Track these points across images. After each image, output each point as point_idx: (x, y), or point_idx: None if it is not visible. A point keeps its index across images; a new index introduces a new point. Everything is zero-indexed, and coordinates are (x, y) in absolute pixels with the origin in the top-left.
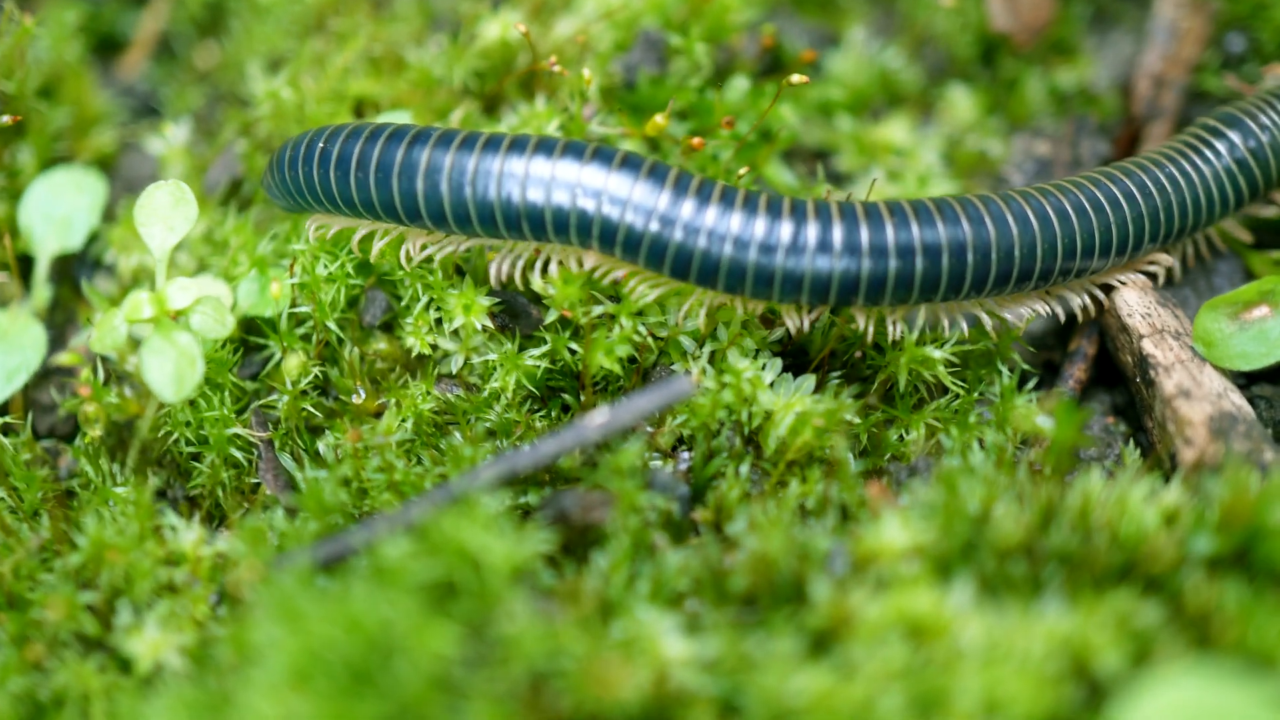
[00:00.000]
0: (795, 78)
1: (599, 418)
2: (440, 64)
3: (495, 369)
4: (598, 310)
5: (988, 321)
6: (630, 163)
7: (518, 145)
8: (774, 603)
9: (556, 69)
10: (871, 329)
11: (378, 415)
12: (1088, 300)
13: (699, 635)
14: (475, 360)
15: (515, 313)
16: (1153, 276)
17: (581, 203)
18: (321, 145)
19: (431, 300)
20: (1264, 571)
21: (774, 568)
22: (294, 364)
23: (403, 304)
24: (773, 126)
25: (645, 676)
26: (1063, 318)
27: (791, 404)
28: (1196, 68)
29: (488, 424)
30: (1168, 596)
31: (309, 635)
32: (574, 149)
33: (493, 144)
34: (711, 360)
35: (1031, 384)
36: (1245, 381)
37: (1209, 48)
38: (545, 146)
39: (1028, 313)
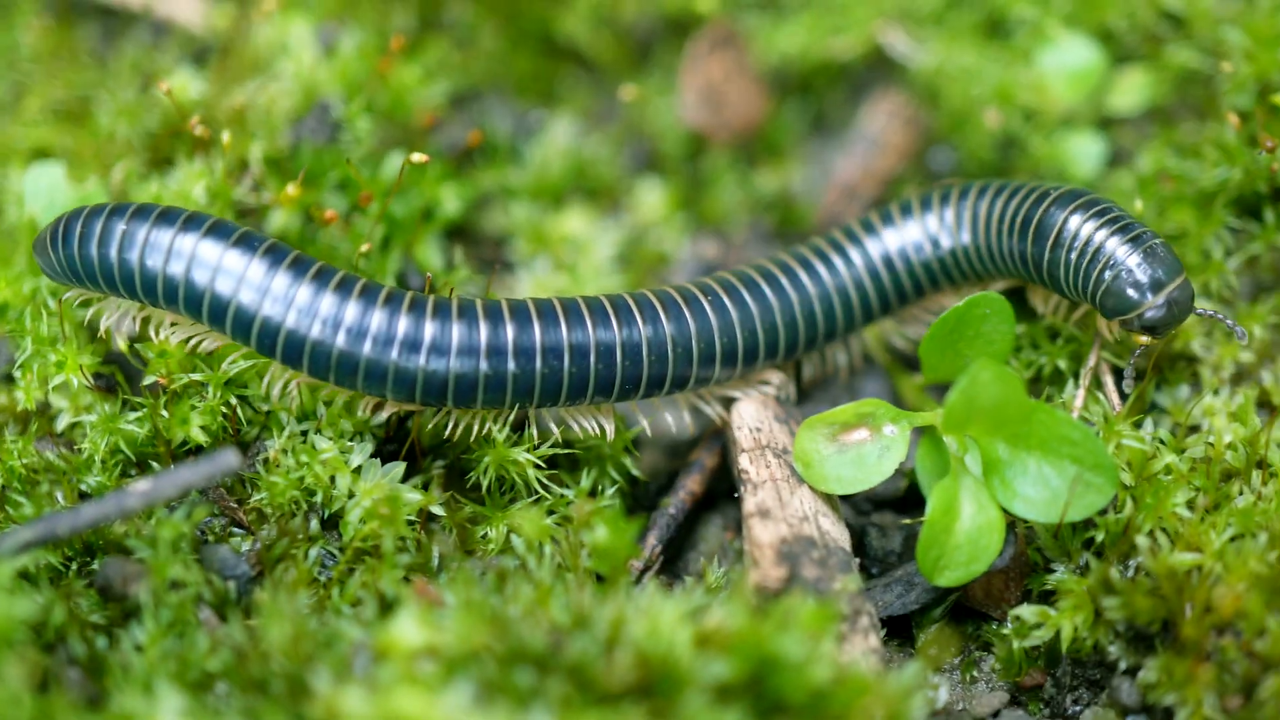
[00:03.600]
0: (416, 157)
1: (141, 486)
2: (112, 118)
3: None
4: (189, 377)
5: (591, 425)
6: (221, 230)
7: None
8: (288, 691)
9: (199, 130)
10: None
11: None
12: (719, 410)
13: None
14: (86, 419)
15: (130, 375)
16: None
17: (172, 268)
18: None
19: (36, 354)
20: (771, 704)
21: (285, 655)
22: None
23: (15, 356)
24: (431, 207)
25: None
26: (677, 427)
27: (369, 490)
28: (892, 181)
29: (85, 487)
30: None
31: None
32: (169, 216)
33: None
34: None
35: (614, 490)
36: (871, 507)
37: (912, 162)
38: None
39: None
